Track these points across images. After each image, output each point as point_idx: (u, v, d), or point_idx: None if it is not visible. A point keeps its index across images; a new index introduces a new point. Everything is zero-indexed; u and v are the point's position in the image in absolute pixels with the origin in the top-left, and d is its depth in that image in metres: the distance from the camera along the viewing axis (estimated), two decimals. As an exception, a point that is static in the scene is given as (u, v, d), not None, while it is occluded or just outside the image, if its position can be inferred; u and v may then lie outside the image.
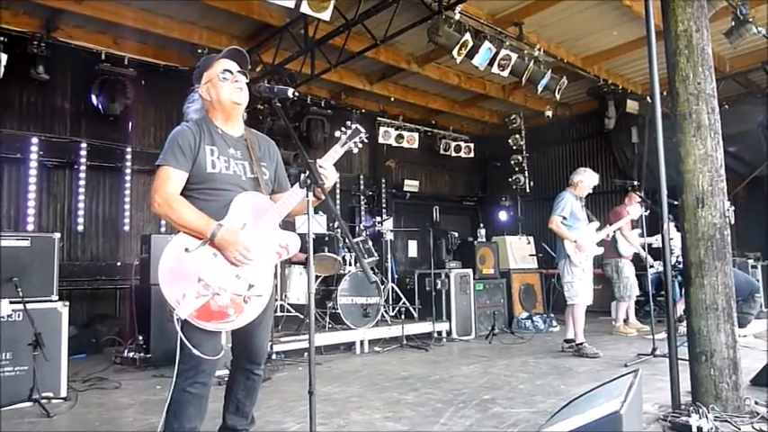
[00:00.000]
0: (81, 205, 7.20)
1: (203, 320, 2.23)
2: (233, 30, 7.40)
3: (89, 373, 5.04)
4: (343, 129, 2.54)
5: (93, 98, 7.15)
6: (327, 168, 2.46)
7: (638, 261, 7.32)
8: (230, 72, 2.49)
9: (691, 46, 3.54)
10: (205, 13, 6.83)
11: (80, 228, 7.21)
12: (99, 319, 6.87)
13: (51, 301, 4.21)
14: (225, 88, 2.47)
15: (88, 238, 7.36)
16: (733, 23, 6.41)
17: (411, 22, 6.25)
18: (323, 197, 2.44)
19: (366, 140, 2.60)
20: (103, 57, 7.06)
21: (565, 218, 5.65)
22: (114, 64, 7.11)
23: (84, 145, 7.21)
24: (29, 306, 3.97)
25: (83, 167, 7.19)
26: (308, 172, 2.23)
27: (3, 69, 6.24)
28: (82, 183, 7.19)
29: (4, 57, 6.24)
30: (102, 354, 6.27)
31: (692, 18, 3.55)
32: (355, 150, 2.56)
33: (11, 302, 3.93)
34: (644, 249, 6.18)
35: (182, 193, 2.37)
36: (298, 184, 2.36)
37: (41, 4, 6.28)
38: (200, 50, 7.28)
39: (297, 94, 2.39)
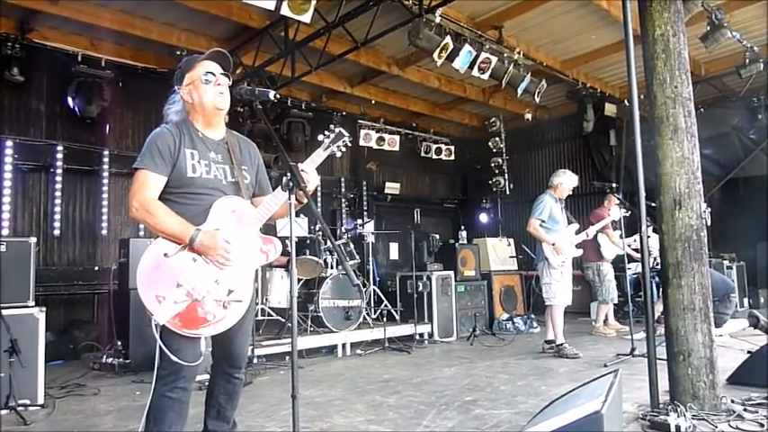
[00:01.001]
0: (57, 209, 7.08)
1: (182, 326, 2.21)
2: (212, 32, 7.35)
3: (67, 380, 4.95)
4: (326, 132, 2.53)
5: (70, 100, 7.04)
6: (309, 172, 2.44)
7: (616, 263, 7.41)
8: (213, 74, 2.46)
9: (668, 50, 3.61)
10: (184, 14, 6.77)
11: (57, 232, 7.09)
12: (77, 325, 6.75)
13: (28, 306, 4.13)
14: (207, 92, 2.44)
15: (65, 242, 7.23)
16: (708, 28, 6.55)
17: (392, 25, 6.28)
18: (305, 200, 2.43)
19: (349, 144, 2.60)
20: (80, 58, 6.96)
21: (543, 221, 5.70)
22: (91, 66, 7.01)
23: (60, 148, 7.08)
24: (4, 312, 3.89)
25: (59, 171, 7.07)
26: (289, 175, 2.21)
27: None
28: (58, 186, 7.07)
29: (-23, 58, 6.13)
30: (80, 360, 6.17)
31: (668, 22, 3.62)
32: (338, 154, 2.56)
33: (-15, 309, 3.84)
34: (624, 248, 6.24)
35: (161, 197, 2.34)
36: (279, 187, 2.34)
37: (16, 5, 6.15)
38: (178, 52, 7.22)
39: (278, 96, 2.37)
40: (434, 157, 11.33)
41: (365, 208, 10.63)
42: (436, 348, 6.67)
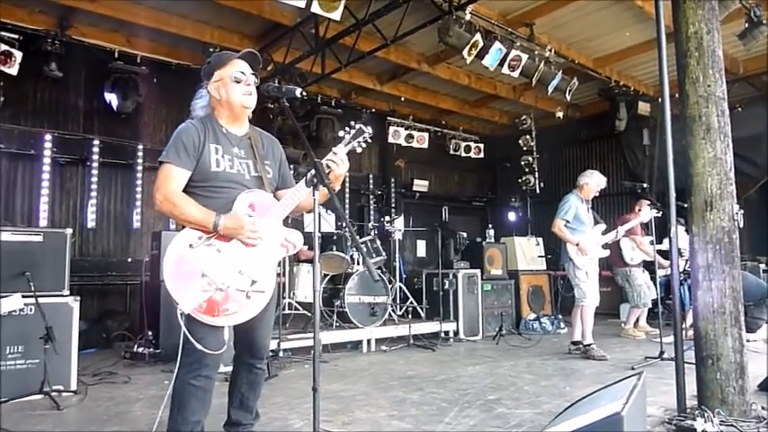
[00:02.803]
0: (93, 202, 7.29)
1: (206, 315, 2.26)
2: (245, 29, 7.46)
3: (99, 368, 5.10)
4: (347, 128, 2.55)
5: (106, 96, 7.23)
6: (341, 154, 2.44)
7: (648, 265, 7.27)
8: (243, 74, 2.50)
9: (701, 48, 3.52)
10: (217, 12, 6.88)
11: (92, 224, 7.30)
12: (109, 315, 6.94)
13: (63, 295, 4.27)
14: (236, 90, 2.49)
15: (99, 234, 7.44)
16: (746, 25, 6.36)
17: (421, 23, 6.28)
18: (336, 188, 2.47)
19: (370, 140, 2.60)
20: (116, 55, 7.14)
21: (568, 221, 5.63)
22: (127, 62, 7.18)
23: (96, 142, 7.29)
24: (41, 300, 4.03)
25: (95, 164, 7.28)
26: (314, 171, 2.24)
27: (17, 67, 6.35)
28: (94, 179, 7.28)
29: (19, 54, 6.34)
30: (112, 349, 6.35)
31: (702, 20, 3.53)
32: (359, 150, 2.56)
33: (23, 296, 3.99)
34: (655, 255, 6.09)
35: (185, 191, 2.40)
36: (303, 181, 2.37)
37: (56, 3, 6.36)
38: (211, 49, 7.30)
39: (305, 94, 2.42)
40: (463, 154, 11.27)
41: (393, 205, 10.65)
42: (461, 347, 6.65)
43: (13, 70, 6.35)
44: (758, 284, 6.44)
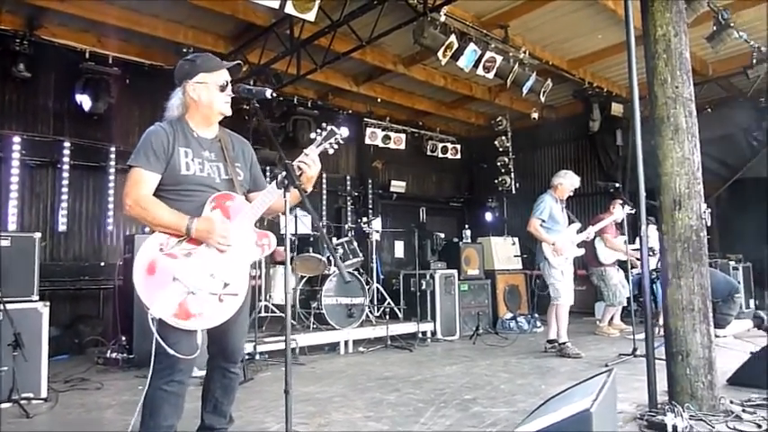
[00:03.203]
0: (64, 205, 7.13)
1: (178, 319, 2.24)
2: (219, 30, 7.38)
3: (71, 374, 5.01)
4: (318, 130, 2.57)
5: (77, 97, 7.09)
6: (312, 156, 2.45)
7: (624, 264, 7.38)
8: (228, 84, 2.51)
9: (669, 50, 3.60)
10: (191, 12, 6.80)
11: (63, 227, 7.15)
12: (82, 320, 6.82)
13: (32, 301, 4.18)
14: (219, 98, 2.49)
15: (71, 237, 7.29)
16: (715, 28, 6.50)
17: (396, 24, 6.27)
18: (308, 189, 2.51)
19: (342, 142, 2.63)
20: (87, 55, 7.00)
21: (544, 221, 5.70)
22: (98, 63, 7.05)
23: (67, 144, 7.14)
24: (9, 306, 3.94)
25: (66, 167, 7.12)
26: (285, 172, 2.23)
27: (-16, 67, 6.21)
28: (65, 182, 7.12)
29: (-14, 55, 6.20)
30: (85, 354, 6.23)
31: (670, 22, 3.61)
32: (331, 151, 2.59)
33: (-11, 302, 3.89)
34: (627, 253, 6.20)
35: (155, 195, 2.37)
36: (275, 183, 2.37)
37: (24, 3, 6.22)
38: (185, 50, 7.22)
39: (275, 94, 2.40)
40: (440, 155, 11.31)
41: (371, 206, 10.64)
42: (438, 347, 6.68)
43: (-20, 71, 6.21)
44: (726, 281, 6.58)
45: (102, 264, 7.22)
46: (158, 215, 2.29)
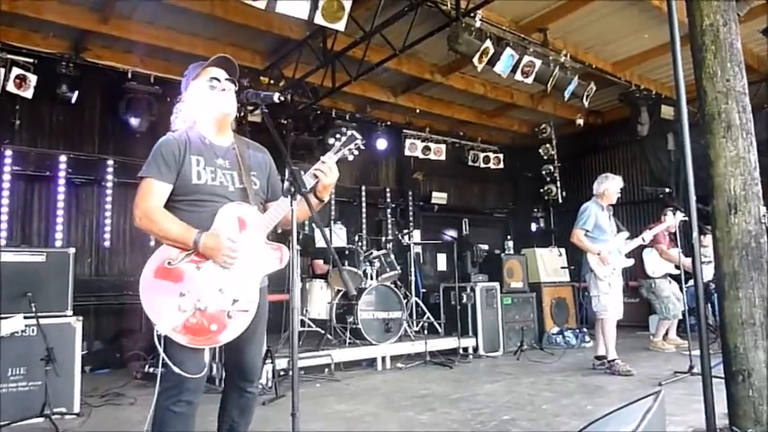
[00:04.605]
0: (108, 221, 7.31)
1: (185, 336, 2.13)
2: (255, 45, 7.45)
3: (108, 388, 5.03)
4: (337, 135, 2.45)
5: (121, 116, 7.27)
6: (329, 163, 2.34)
7: (679, 276, 6.91)
8: (218, 80, 2.41)
9: (718, 41, 3.31)
10: (227, 29, 6.88)
11: (107, 243, 7.32)
12: (125, 334, 6.91)
13: (66, 315, 4.20)
14: (212, 97, 2.40)
15: (115, 253, 7.45)
16: (771, 21, 6.08)
17: (430, 31, 6.13)
18: (325, 198, 2.42)
19: (363, 148, 2.50)
20: (130, 75, 7.18)
21: (588, 230, 5.40)
22: (140, 82, 7.22)
23: (110, 162, 7.33)
24: (43, 321, 3.97)
25: (110, 184, 7.31)
26: (291, 180, 2.11)
27: (32, 90, 6.43)
28: (109, 199, 7.31)
29: (34, 78, 6.43)
30: (126, 368, 6.29)
31: (718, 11, 3.32)
32: (350, 158, 2.46)
33: (25, 317, 3.94)
34: (681, 264, 5.78)
35: (167, 205, 2.30)
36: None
37: (70, 26, 6.45)
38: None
39: (282, 98, 2.29)
40: (482, 165, 11.07)
41: (411, 218, 10.48)
42: (480, 363, 6.42)
43: (28, 93, 6.44)
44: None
45: (145, 279, 7.31)
46: (166, 228, 2.21)
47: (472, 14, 5.93)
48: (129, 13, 6.43)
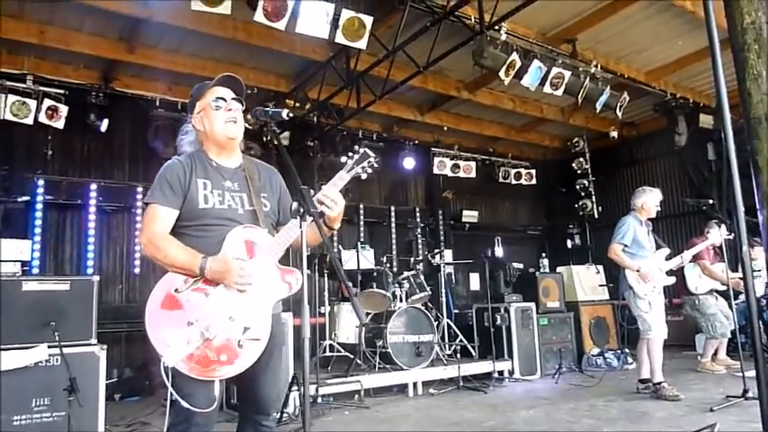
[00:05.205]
0: (138, 248, 7.34)
1: (194, 368, 2.02)
2: (279, 69, 7.46)
3: (135, 417, 4.97)
4: (350, 153, 2.33)
5: (149, 143, 7.34)
6: (332, 195, 2.22)
7: (727, 291, 6.52)
8: (224, 100, 2.32)
9: (761, 39, 3.09)
10: (251, 54, 6.93)
11: (137, 270, 7.34)
12: (154, 362, 6.82)
13: (90, 344, 4.15)
14: (217, 119, 2.31)
15: (146, 280, 7.45)
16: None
17: (453, 46, 6.02)
18: (335, 226, 2.31)
19: (377, 166, 2.38)
20: (158, 103, 7.26)
21: (626, 245, 5.12)
22: (168, 109, 7.29)
23: (140, 189, 7.38)
24: (67, 350, 3.92)
25: (139, 210, 7.35)
26: (299, 201, 1.99)
27: (63, 120, 6.55)
28: (138, 226, 7.33)
29: (65, 109, 6.55)
30: (155, 396, 6.23)
31: (760, 8, 3.11)
32: (364, 176, 2.36)
33: (49, 347, 3.90)
34: (728, 280, 5.42)
35: (175, 231, 2.21)
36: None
37: (99, 57, 6.57)
38: (249, 91, 7.33)
39: (291, 114, 2.19)
40: (514, 182, 10.81)
41: (442, 238, 10.28)
42: (517, 387, 6.14)
43: (60, 124, 6.56)
44: None
45: (175, 305, 7.30)
46: (171, 254, 2.11)
47: (497, 27, 5.80)
48: (155, 41, 6.52)
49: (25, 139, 6.80)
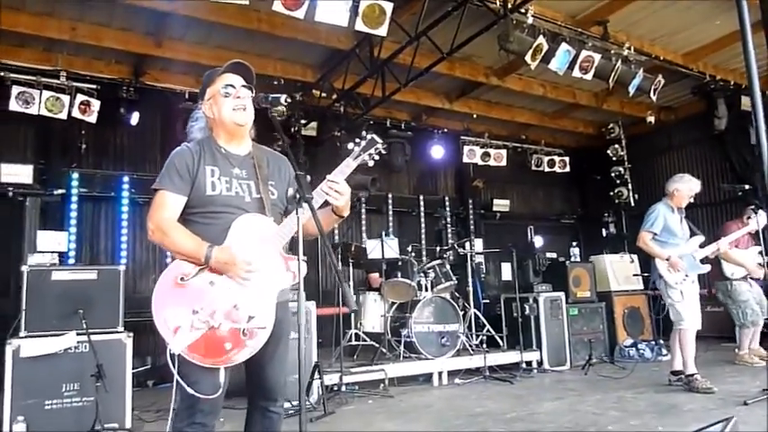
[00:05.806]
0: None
1: (199, 355, 2.04)
2: (305, 59, 7.48)
3: (164, 404, 5.07)
4: (357, 140, 2.30)
5: (178, 135, 7.45)
6: (339, 183, 2.20)
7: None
8: (233, 87, 2.33)
9: (794, 15, 2.92)
10: (276, 44, 6.95)
11: (169, 260, 7.45)
12: (185, 349, 7.01)
13: (117, 332, 4.27)
14: (226, 105, 2.31)
15: (177, 269, 7.61)
16: None
17: (478, 30, 5.90)
18: (344, 214, 2.30)
19: (384, 152, 2.33)
20: (186, 95, 7.37)
21: (656, 233, 4.96)
22: (196, 101, 7.36)
23: (170, 180, 7.51)
24: (95, 337, 4.04)
25: (171, 202, 7.50)
26: (296, 187, 1.98)
27: (96, 115, 6.72)
28: (170, 216, 7.49)
29: (97, 103, 6.72)
30: (186, 383, 6.37)
31: (793, -18, 2.94)
32: (371, 163, 2.31)
33: (77, 334, 4.02)
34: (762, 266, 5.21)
35: (182, 218, 2.23)
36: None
37: (128, 52, 6.71)
38: (275, 82, 7.43)
39: (289, 100, 2.18)
40: (547, 169, 10.59)
41: (472, 227, 10.17)
42: (545, 378, 6.05)
43: (92, 118, 6.74)
44: None
45: (206, 294, 7.44)
46: (177, 241, 2.14)
47: (522, 11, 5.66)
48: (181, 35, 6.61)
49: (60, 134, 7.00)
